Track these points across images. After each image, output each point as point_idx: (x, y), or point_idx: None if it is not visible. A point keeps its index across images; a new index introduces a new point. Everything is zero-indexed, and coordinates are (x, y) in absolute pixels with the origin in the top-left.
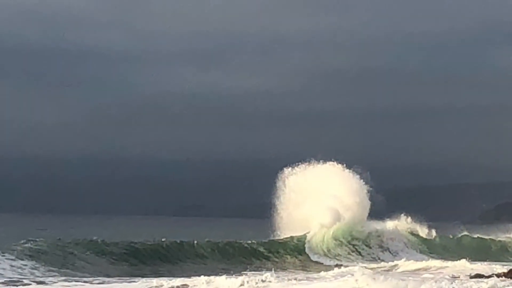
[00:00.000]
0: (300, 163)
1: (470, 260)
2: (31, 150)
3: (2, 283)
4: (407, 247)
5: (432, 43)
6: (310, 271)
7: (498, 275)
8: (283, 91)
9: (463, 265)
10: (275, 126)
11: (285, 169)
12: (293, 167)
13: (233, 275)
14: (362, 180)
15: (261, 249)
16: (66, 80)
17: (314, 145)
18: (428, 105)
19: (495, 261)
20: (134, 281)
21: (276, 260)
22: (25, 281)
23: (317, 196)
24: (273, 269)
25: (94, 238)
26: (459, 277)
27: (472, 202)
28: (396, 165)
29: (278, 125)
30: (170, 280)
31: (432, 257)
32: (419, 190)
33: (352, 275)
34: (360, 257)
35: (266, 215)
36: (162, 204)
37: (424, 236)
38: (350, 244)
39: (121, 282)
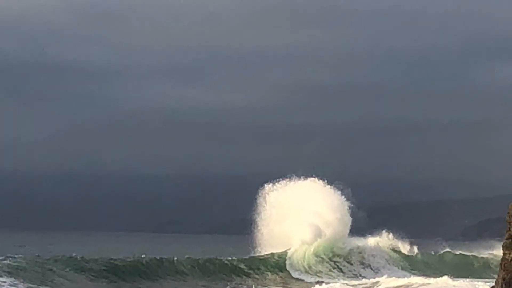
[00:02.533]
0: (281, 179)
1: (452, 276)
2: (9, 166)
3: None
4: (388, 263)
5: (415, 58)
6: None
7: None
8: (263, 106)
9: (445, 282)
10: (255, 141)
11: (265, 185)
12: (273, 183)
13: None
14: (343, 196)
15: (242, 265)
16: (45, 95)
17: (295, 161)
18: (410, 120)
19: (478, 277)
20: None
21: (257, 277)
22: None
23: (298, 213)
24: (253, 286)
25: (73, 254)
26: None
27: (454, 218)
28: (377, 181)
29: (258, 140)
30: None
31: (414, 274)
32: (401, 206)
33: None
34: (341, 273)
35: (247, 232)
36: (141, 220)
37: (406, 253)
38: (331, 260)
39: None
